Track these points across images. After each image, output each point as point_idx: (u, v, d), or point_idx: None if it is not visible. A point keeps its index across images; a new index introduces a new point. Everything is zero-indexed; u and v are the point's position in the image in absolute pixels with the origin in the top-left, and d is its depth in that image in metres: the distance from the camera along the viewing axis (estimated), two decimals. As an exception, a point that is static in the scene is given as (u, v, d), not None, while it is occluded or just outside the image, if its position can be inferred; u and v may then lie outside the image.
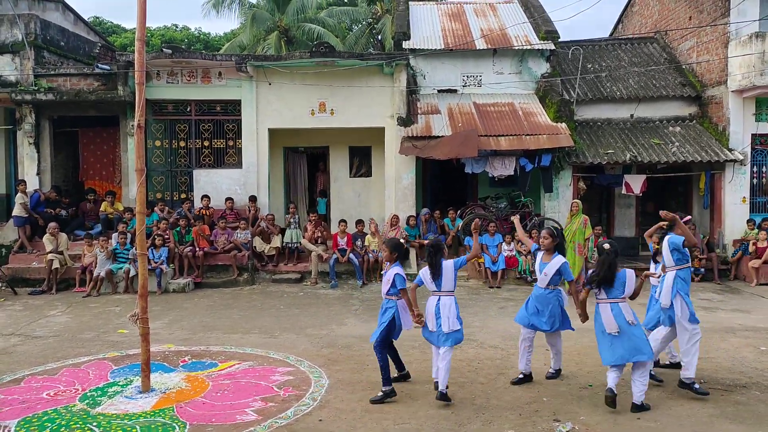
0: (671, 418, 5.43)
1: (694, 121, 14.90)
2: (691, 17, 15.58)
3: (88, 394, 6.16)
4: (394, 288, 5.93)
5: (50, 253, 12.08)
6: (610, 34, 20.53)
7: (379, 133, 14.20)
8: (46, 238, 12.31)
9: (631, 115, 15.10)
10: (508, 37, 15.33)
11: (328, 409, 5.67)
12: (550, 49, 14.86)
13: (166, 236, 12.47)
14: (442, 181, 15.80)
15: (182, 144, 14.37)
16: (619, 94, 15.09)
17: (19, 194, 13.14)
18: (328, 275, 12.60)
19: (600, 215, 15.44)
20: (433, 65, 14.94)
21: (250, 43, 25.69)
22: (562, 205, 13.66)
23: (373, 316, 9.63)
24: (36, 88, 13.73)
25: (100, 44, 16.66)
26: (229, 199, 13.75)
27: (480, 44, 14.98)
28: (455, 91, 14.91)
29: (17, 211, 13.06)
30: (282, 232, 13.55)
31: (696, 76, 15.26)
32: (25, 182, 13.41)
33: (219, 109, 14.28)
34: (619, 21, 20.28)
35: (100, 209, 13.77)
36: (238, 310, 10.34)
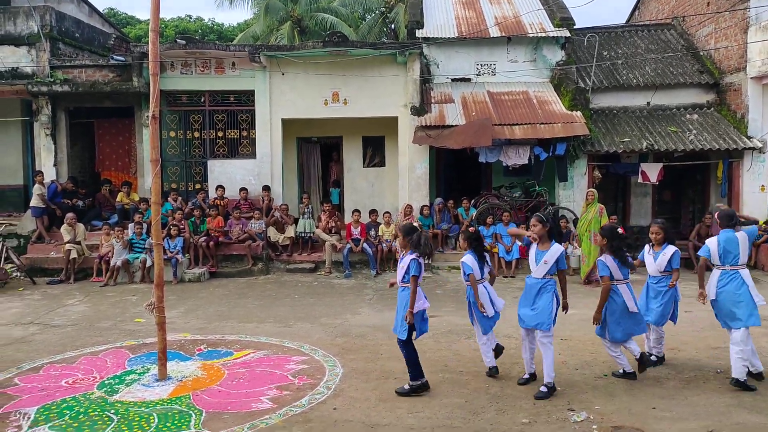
0: (687, 408, 5.39)
1: (712, 109, 14.68)
2: (709, 3, 15.31)
3: (106, 382, 6.25)
4: (407, 274, 5.73)
5: (68, 243, 12.22)
6: (627, 21, 20.26)
7: (392, 123, 14.16)
8: (64, 229, 12.45)
9: (648, 103, 14.90)
10: (522, 24, 15.17)
11: (343, 398, 5.70)
12: (565, 37, 14.68)
13: (182, 226, 12.56)
14: (456, 171, 15.73)
15: (196, 135, 14.43)
16: (635, 81, 14.90)
17: (37, 185, 13.28)
18: (342, 265, 12.64)
19: (616, 204, 15.30)
20: (446, 54, 14.83)
21: (263, 34, 25.67)
22: (577, 195, 13.56)
23: (387, 306, 9.67)
24: (52, 80, 13.84)
25: (114, 36, 16.76)
26: (243, 190, 13.81)
27: (494, 32, 14.83)
28: (469, 80, 14.81)
29: (35, 202, 13.22)
30: (296, 222, 13.60)
31: (714, 63, 15.02)
32: (42, 173, 13.55)
33: (233, 99, 14.31)
34: (636, 7, 19.98)
35: (117, 200, 13.89)
36: (252, 299, 10.41)
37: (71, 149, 14.57)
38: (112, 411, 5.48)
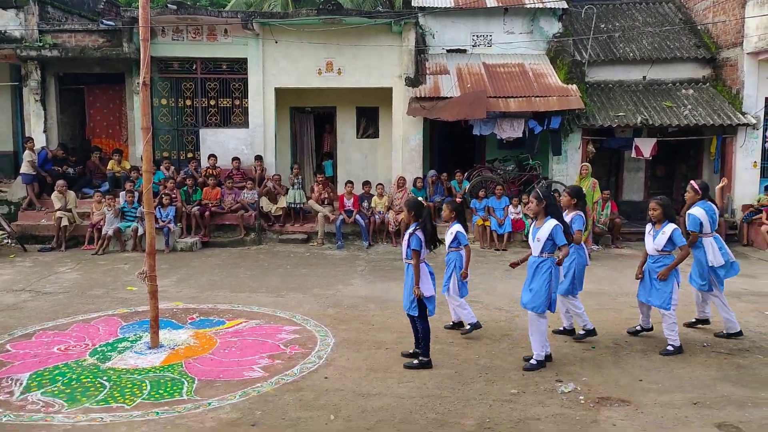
0: (674, 380, 5.48)
1: (708, 84, 14.62)
2: (708, -24, 15.14)
3: (99, 349, 6.28)
4: (409, 249, 5.69)
5: (59, 210, 12.15)
6: (625, -7, 20.00)
7: (386, 94, 14.03)
8: (55, 196, 12.37)
9: (644, 77, 14.82)
10: (519, -5, 14.97)
11: (334, 367, 5.76)
12: (563, 8, 14.52)
13: (174, 195, 12.50)
14: (450, 143, 15.67)
15: (188, 103, 14.25)
16: (632, 55, 14.79)
17: (27, 152, 13.13)
18: (335, 236, 12.65)
19: (609, 179, 15.32)
20: (442, 24, 14.66)
21: (256, 0, 25.21)
22: (570, 169, 13.54)
23: (379, 277, 9.72)
24: (41, 44, 13.58)
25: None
26: (235, 159, 13.72)
27: (491, 2, 14.64)
28: (464, 51, 14.66)
29: (25, 169, 13.09)
30: (287, 192, 13.55)
31: (711, 38, 14.91)
32: (32, 140, 13.39)
33: (225, 67, 14.11)
34: (635, -21, 19.71)
35: (107, 167, 13.77)
36: (245, 269, 10.42)
37: (61, 116, 14.37)
38: (105, 378, 5.51)
